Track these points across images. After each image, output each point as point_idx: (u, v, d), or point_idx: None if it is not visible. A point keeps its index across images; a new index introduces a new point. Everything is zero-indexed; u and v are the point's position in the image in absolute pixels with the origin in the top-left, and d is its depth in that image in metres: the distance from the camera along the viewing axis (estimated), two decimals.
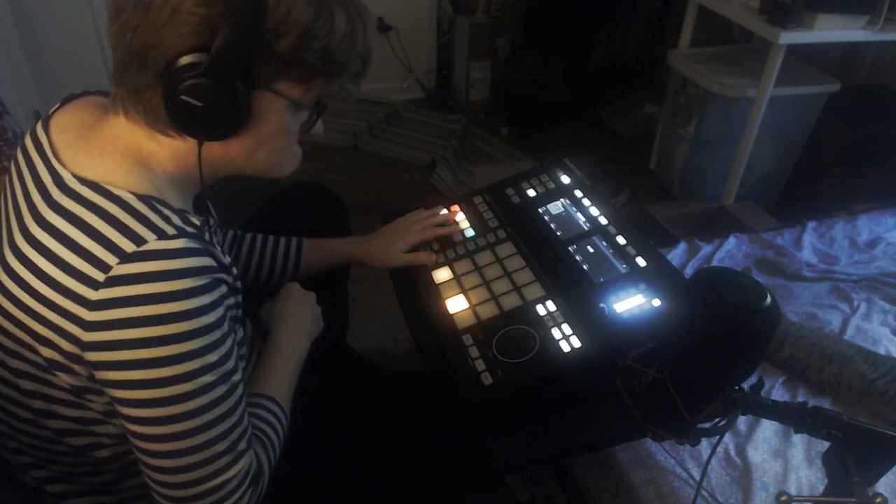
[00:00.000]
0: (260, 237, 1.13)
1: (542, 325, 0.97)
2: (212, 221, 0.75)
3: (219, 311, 0.70)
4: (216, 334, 0.69)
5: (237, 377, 0.73)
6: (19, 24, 2.38)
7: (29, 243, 0.68)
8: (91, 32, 2.57)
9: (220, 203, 0.91)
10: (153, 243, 0.65)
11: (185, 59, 0.65)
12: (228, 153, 0.74)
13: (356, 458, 0.98)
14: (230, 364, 0.72)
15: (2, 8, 2.26)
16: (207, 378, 0.69)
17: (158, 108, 0.69)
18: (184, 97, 0.66)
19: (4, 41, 2.28)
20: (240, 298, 0.78)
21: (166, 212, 0.69)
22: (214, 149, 0.73)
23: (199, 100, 0.66)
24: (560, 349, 0.93)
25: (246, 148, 0.75)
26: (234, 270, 0.75)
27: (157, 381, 0.67)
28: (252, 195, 1.19)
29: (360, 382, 1.20)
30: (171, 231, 0.67)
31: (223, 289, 0.71)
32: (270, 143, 0.76)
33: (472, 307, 1.02)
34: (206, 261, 0.68)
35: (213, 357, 0.69)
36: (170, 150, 0.73)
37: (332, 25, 0.70)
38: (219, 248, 0.72)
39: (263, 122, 0.72)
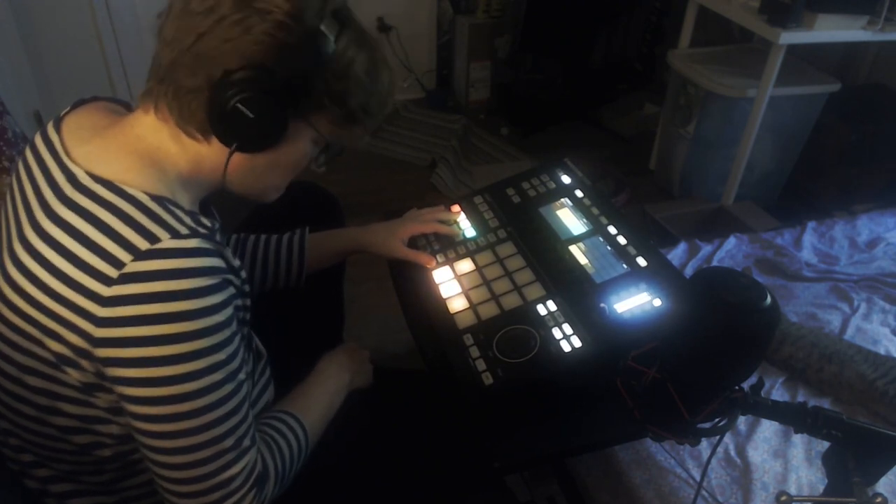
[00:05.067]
0: (263, 238, 1.14)
1: (542, 324, 0.97)
2: (216, 225, 0.76)
3: (228, 311, 0.71)
4: (225, 333, 0.71)
5: (242, 375, 0.75)
6: (19, 24, 2.38)
7: (41, 238, 0.69)
8: (91, 32, 2.58)
9: (216, 203, 0.91)
10: (167, 242, 0.66)
11: (247, 73, 0.68)
12: (245, 167, 0.77)
13: (356, 457, 0.98)
14: (236, 363, 0.73)
15: (2, 8, 2.26)
16: (216, 376, 0.70)
17: (198, 110, 0.71)
18: (238, 106, 0.68)
19: (4, 41, 2.28)
20: (248, 302, 0.80)
21: (179, 212, 0.70)
22: (235, 160, 0.75)
23: (251, 112, 0.69)
24: (561, 349, 0.93)
25: (263, 166, 0.78)
26: (243, 274, 0.77)
27: (166, 378, 0.67)
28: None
29: None
30: (184, 231, 0.68)
31: (231, 290, 0.72)
32: (285, 167, 0.81)
33: (473, 307, 1.02)
34: (217, 261, 0.70)
35: (221, 356, 0.70)
36: (190, 153, 0.75)
37: (378, 82, 0.79)
38: (228, 251, 0.74)
39: (289, 147, 0.77)
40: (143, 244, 0.66)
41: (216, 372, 0.70)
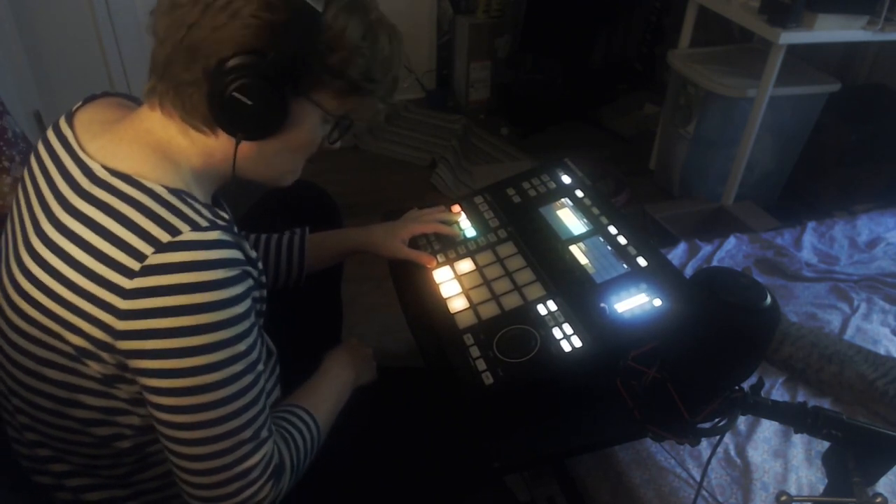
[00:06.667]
0: (263, 237, 1.14)
1: (543, 324, 0.97)
2: (231, 217, 0.76)
3: (247, 303, 0.72)
4: (245, 324, 0.71)
5: (261, 367, 0.75)
6: (19, 24, 2.37)
7: (59, 232, 0.69)
8: (91, 32, 2.57)
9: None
10: (188, 234, 0.67)
11: (240, 60, 0.67)
12: (255, 154, 0.76)
13: (356, 456, 0.98)
14: (255, 354, 0.74)
15: (2, 8, 2.26)
16: (236, 367, 0.70)
17: (200, 103, 0.70)
18: (235, 94, 0.67)
19: (4, 41, 2.28)
20: (264, 293, 0.80)
21: (197, 205, 0.71)
22: (244, 148, 0.75)
23: (250, 99, 0.68)
24: (561, 349, 0.93)
25: (274, 151, 0.77)
26: (260, 265, 0.77)
27: (188, 369, 0.68)
28: (245, 194, 1.19)
29: None
30: (204, 223, 0.69)
31: (250, 281, 0.73)
32: (296, 150, 0.79)
33: (473, 307, 1.02)
34: (237, 253, 0.70)
35: (241, 347, 0.71)
36: (200, 147, 0.75)
37: (376, 47, 0.75)
38: (246, 243, 0.74)
39: (297, 128, 0.75)
40: (164, 236, 0.66)
41: (236, 363, 0.70)
